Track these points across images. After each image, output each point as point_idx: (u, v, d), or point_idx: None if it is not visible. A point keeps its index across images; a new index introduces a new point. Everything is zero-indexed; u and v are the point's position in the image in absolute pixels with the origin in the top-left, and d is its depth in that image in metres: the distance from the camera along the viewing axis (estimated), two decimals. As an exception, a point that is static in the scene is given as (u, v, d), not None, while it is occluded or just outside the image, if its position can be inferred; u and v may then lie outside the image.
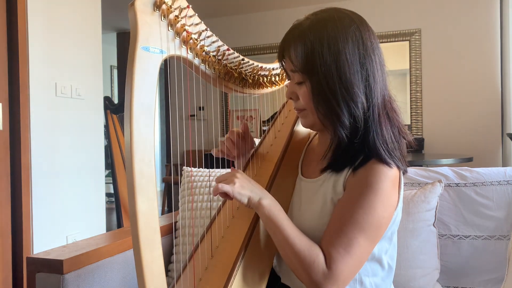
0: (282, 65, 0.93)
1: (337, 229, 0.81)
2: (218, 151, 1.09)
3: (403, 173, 0.90)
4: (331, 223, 0.84)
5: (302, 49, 0.84)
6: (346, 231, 0.80)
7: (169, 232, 1.36)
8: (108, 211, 3.51)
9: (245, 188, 0.83)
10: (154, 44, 0.72)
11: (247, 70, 1.01)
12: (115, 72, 6.22)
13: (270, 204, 0.83)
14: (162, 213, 4.41)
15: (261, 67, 1.04)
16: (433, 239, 1.28)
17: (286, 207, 0.97)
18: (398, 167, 0.85)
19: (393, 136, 0.86)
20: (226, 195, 0.82)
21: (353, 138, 0.84)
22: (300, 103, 0.90)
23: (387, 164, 0.83)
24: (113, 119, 3.91)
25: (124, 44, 5.54)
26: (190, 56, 0.84)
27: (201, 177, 1.49)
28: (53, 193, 2.33)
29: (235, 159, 1.12)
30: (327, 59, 0.82)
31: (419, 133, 3.95)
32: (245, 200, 0.83)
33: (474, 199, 1.33)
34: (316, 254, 0.79)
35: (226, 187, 0.80)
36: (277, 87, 1.15)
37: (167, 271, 1.35)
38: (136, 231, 0.68)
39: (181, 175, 1.50)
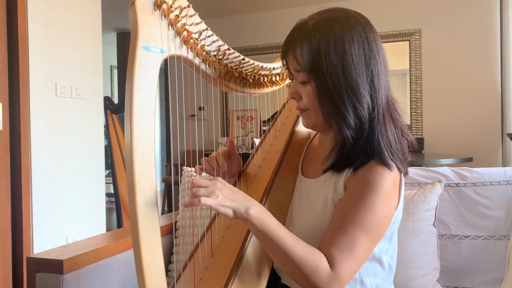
0: (286, 64, 0.91)
1: (338, 230, 0.81)
2: (199, 169, 1.01)
3: (404, 175, 0.90)
4: (332, 224, 0.83)
5: (307, 48, 0.83)
6: (349, 231, 0.79)
7: (169, 232, 1.35)
8: (108, 211, 3.51)
9: (228, 199, 0.75)
10: (155, 44, 0.72)
11: (248, 69, 1.01)
12: (115, 72, 6.22)
13: (258, 212, 0.77)
14: (162, 213, 4.41)
15: (262, 66, 1.04)
16: (433, 239, 1.28)
17: (287, 206, 0.97)
18: (399, 169, 0.85)
19: (397, 137, 0.86)
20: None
21: (358, 139, 0.84)
22: (303, 102, 0.89)
23: (388, 166, 0.82)
24: (113, 119, 3.91)
25: (124, 44, 5.53)
26: (190, 55, 0.84)
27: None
28: (53, 193, 2.33)
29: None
30: (333, 59, 0.82)
31: (419, 133, 3.95)
32: (230, 213, 0.75)
33: (474, 199, 1.33)
34: (318, 259, 0.78)
35: (208, 201, 0.72)
36: (277, 87, 1.15)
37: (167, 271, 1.35)
38: (136, 231, 0.68)
39: (181, 175, 1.50)
